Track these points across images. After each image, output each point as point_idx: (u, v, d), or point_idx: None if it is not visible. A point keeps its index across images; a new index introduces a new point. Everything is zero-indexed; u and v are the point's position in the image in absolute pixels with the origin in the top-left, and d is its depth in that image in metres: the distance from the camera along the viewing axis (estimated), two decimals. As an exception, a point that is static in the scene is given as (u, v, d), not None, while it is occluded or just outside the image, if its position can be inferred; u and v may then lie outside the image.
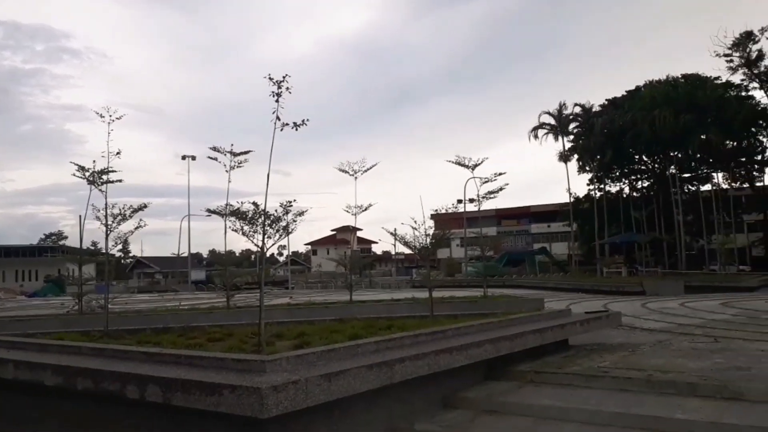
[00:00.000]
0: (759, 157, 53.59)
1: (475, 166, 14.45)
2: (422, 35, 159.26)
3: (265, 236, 6.44)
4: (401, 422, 6.01)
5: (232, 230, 6.85)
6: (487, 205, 15.25)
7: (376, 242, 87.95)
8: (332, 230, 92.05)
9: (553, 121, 54.76)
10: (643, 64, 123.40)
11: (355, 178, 14.47)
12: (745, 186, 56.47)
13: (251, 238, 6.50)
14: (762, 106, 50.81)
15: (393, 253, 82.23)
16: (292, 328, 8.04)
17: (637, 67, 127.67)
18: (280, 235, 6.59)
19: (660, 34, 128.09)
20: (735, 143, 50.96)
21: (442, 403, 6.59)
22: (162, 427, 5.47)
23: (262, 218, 6.45)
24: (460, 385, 6.84)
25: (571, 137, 56.37)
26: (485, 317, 8.92)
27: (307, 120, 6.68)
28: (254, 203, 6.57)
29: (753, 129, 51.15)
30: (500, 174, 14.07)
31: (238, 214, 6.69)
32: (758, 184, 55.87)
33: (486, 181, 14.23)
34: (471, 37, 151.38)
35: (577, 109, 55.27)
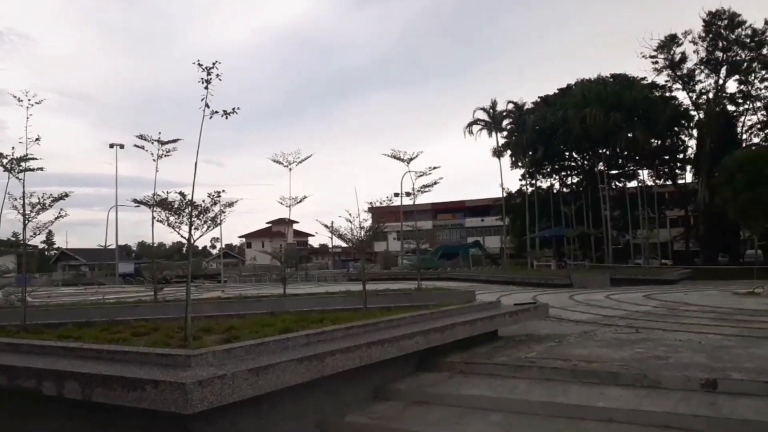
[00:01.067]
0: (681, 156, 56.47)
1: (410, 159, 14.49)
2: (362, 27, 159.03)
3: (192, 227, 6.23)
4: (332, 415, 5.97)
5: (158, 221, 6.59)
6: (423, 198, 15.35)
7: (313, 235, 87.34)
8: (267, 223, 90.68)
9: (487, 118, 55.80)
10: (575, 63, 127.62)
11: (290, 169, 14.22)
12: (668, 183, 59.47)
13: (177, 229, 6.27)
14: (684, 107, 53.52)
15: (330, 246, 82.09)
16: (222, 322, 7.83)
17: (569, 66, 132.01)
18: (208, 227, 6.39)
19: (592, 34, 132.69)
20: (659, 142, 53.38)
21: (374, 394, 6.60)
22: (85, 424, 5.24)
23: (189, 209, 6.23)
24: (392, 377, 6.86)
25: (505, 133, 57.63)
26: (418, 309, 8.97)
27: (238, 108, 6.49)
28: (181, 193, 6.34)
29: (676, 129, 53.77)
30: (434, 168, 14.17)
31: (164, 204, 6.43)
32: (680, 181, 58.97)
33: (421, 175, 14.32)
34: (410, 30, 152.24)
35: (510, 106, 56.51)
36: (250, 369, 4.73)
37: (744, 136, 52.78)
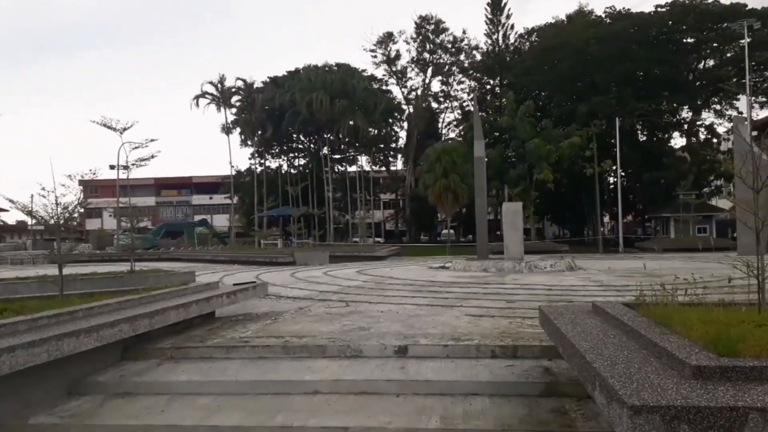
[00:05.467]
0: (394, 145, 62.45)
1: (125, 129, 13.36)
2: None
3: None
4: (13, 418, 5.22)
5: None
6: (145, 173, 14.38)
7: (7, 210, 75.09)
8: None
9: (215, 92, 54.29)
10: (304, 47, 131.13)
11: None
12: (382, 169, 65.32)
13: None
14: (397, 101, 59.16)
15: (30, 223, 71.59)
16: None
17: (298, 50, 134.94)
18: None
19: (322, 20, 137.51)
20: (376, 131, 58.16)
21: (69, 390, 5.95)
22: None
23: None
24: (91, 369, 6.28)
25: (234, 110, 56.89)
26: (128, 294, 8.32)
27: None
28: None
29: (390, 120, 59.19)
30: (152, 140, 13.31)
31: None
32: (393, 168, 65.25)
33: (137, 147, 13.30)
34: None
35: (240, 83, 55.94)
36: None
37: (444, 131, 60.60)
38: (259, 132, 55.95)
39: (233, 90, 55.52)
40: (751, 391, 2.96)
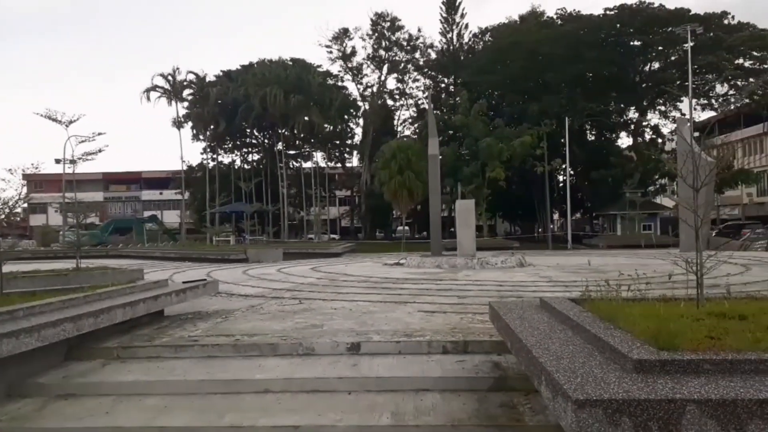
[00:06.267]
0: (349, 142, 62.28)
1: (71, 122, 12.91)
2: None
3: None
4: (-54, 425, 4.99)
5: None
6: (93, 167, 13.91)
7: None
8: None
9: (167, 85, 52.99)
10: (258, 41, 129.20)
11: None
12: (338, 166, 65.10)
13: None
14: (353, 97, 59.05)
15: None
16: None
17: (252, 44, 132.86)
18: None
19: (277, 15, 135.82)
20: (332, 127, 57.87)
21: (8, 392, 5.73)
22: None
23: None
24: (32, 370, 6.05)
25: (186, 104, 55.66)
26: (72, 292, 8.05)
27: None
28: None
29: (346, 116, 59.00)
30: (100, 134, 12.92)
31: None
32: (348, 164, 65.13)
33: (84, 141, 12.87)
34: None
35: (192, 77, 54.74)
36: None
37: (399, 128, 60.79)
38: (212, 126, 54.90)
39: (185, 83, 54.33)
40: (689, 383, 3.08)
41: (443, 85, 58.86)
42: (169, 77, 52.67)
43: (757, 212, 51.95)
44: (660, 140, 51.56)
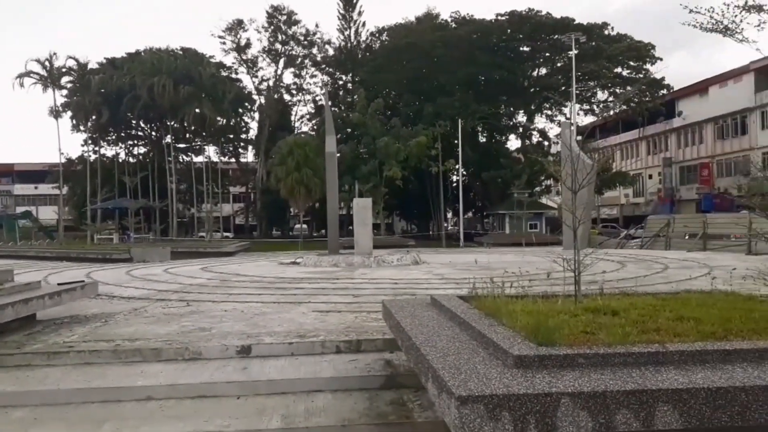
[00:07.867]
0: (244, 136, 60.73)
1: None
2: None
3: None
4: None
5: None
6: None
7: None
8: None
9: (43, 71, 48.96)
10: (147, 29, 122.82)
11: None
12: (232, 161, 63.24)
13: None
14: (248, 90, 57.61)
15: None
16: None
17: (139, 31, 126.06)
18: None
19: (168, 4, 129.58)
20: (225, 121, 56.10)
21: None
22: None
23: None
24: None
25: (65, 92, 51.79)
26: (-76, 297, 7.26)
27: None
28: None
29: (240, 110, 57.44)
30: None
31: None
32: (243, 160, 63.45)
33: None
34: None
35: (72, 63, 50.93)
36: None
37: (297, 124, 60.08)
38: (94, 117, 51.37)
39: (64, 70, 50.42)
40: (564, 377, 3.25)
41: (341, 82, 58.81)
42: (46, 62, 48.71)
43: (633, 212, 56.33)
44: (546, 143, 54.47)
